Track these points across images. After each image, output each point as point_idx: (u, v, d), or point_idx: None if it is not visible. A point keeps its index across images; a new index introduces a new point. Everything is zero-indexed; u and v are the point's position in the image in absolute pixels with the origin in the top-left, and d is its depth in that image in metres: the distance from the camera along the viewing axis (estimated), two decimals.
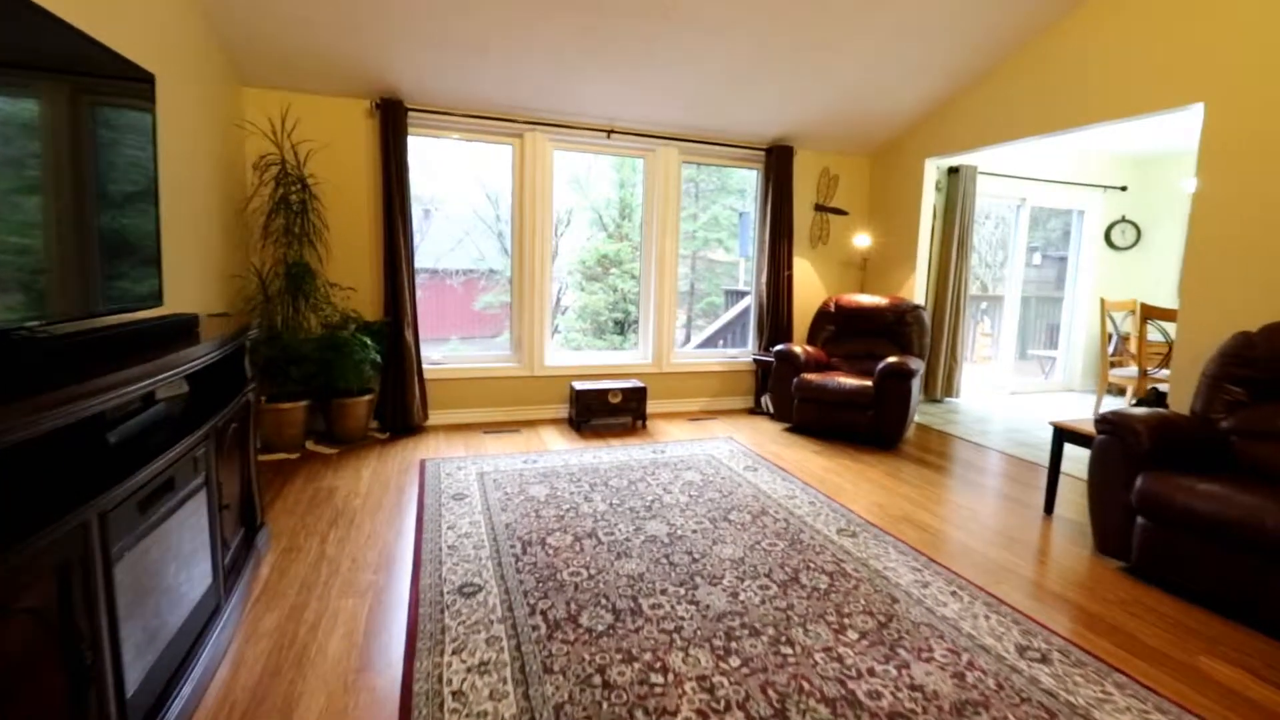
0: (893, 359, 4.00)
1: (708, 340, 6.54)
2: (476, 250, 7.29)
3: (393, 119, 3.88)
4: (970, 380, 5.94)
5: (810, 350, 4.51)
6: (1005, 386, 6.14)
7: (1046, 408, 5.44)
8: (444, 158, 5.75)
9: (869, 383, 4.03)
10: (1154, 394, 2.88)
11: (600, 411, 4.31)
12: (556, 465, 3.48)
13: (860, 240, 5.21)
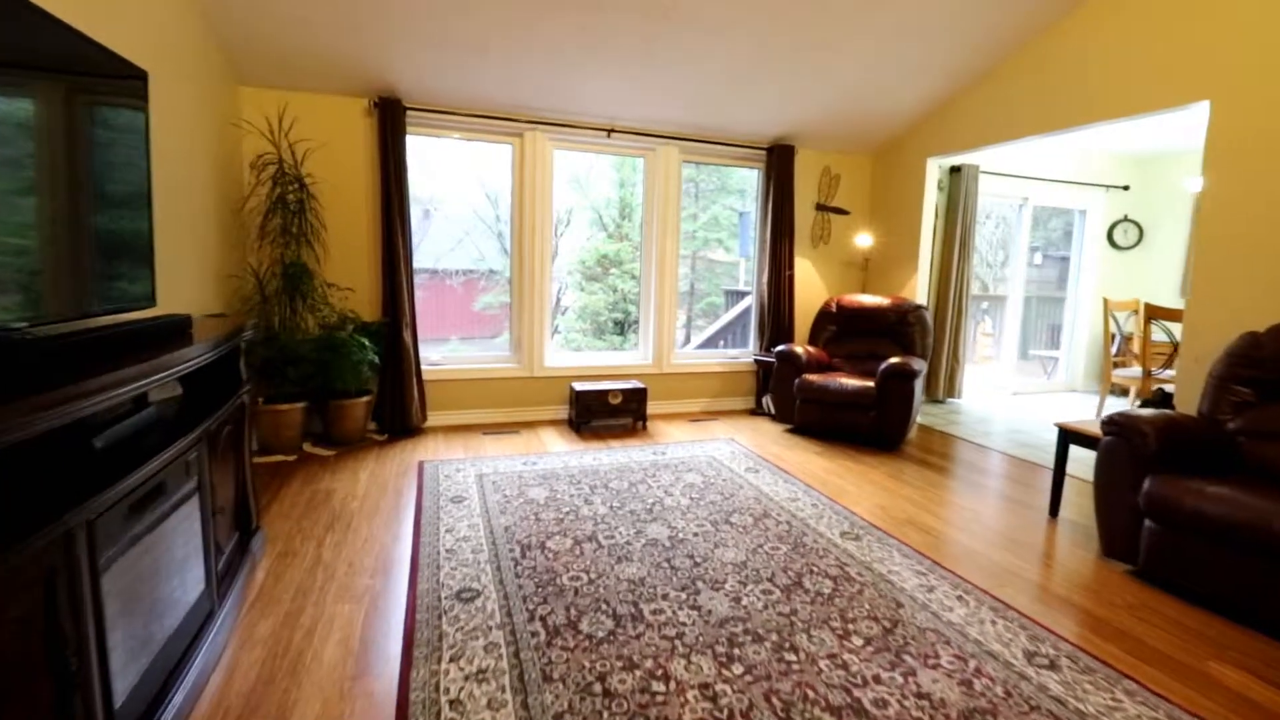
0: (895, 359, 3.96)
1: (708, 340, 6.50)
2: (476, 250, 7.26)
3: (391, 118, 3.84)
4: (972, 381, 5.90)
5: (812, 351, 4.48)
6: (1007, 387, 6.10)
7: (1049, 408, 5.40)
8: (443, 157, 5.72)
9: (871, 383, 4.00)
10: (1160, 395, 2.85)
11: (600, 413, 4.28)
12: (556, 467, 3.45)
13: (862, 240, 5.18)
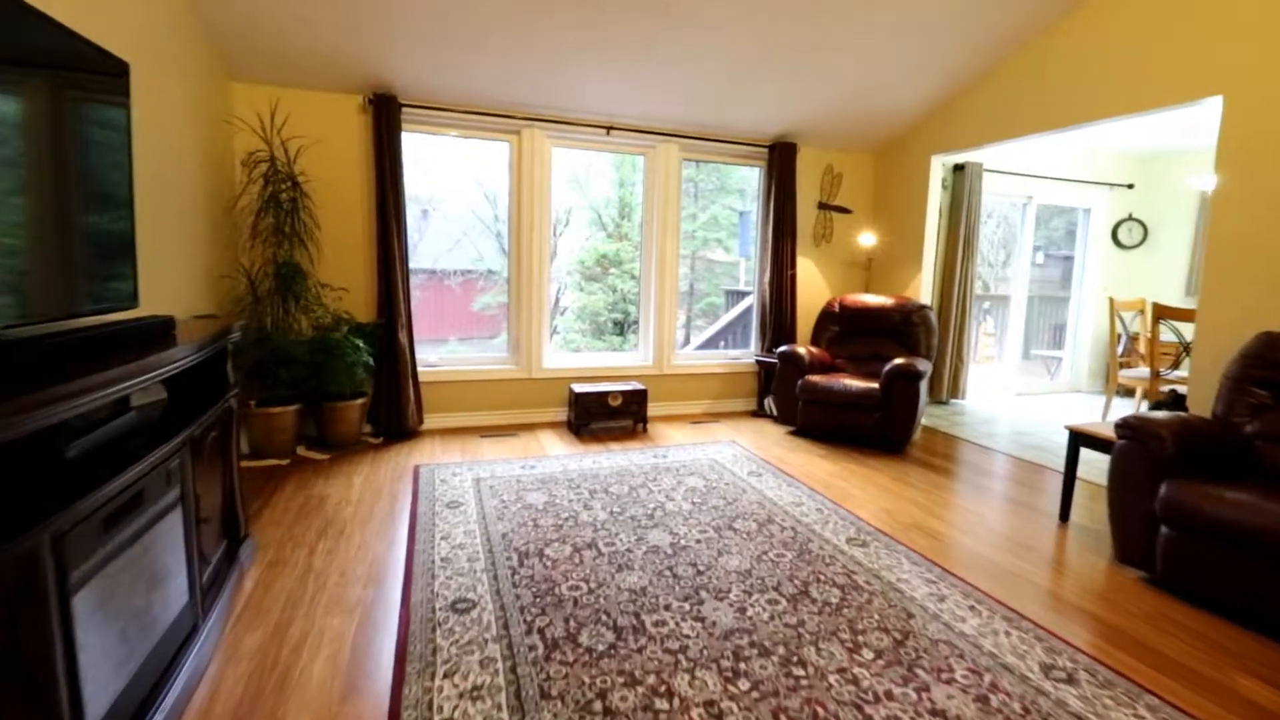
0: (900, 360, 3.90)
1: (709, 341, 6.44)
2: (475, 250, 7.20)
3: (386, 115, 3.77)
4: (975, 381, 5.83)
5: (814, 351, 4.41)
6: (1011, 387, 6.04)
7: (1054, 409, 5.34)
8: (441, 157, 5.65)
9: (875, 385, 3.93)
10: (1173, 396, 2.78)
11: (600, 415, 4.21)
12: (555, 471, 3.38)
13: (865, 239, 5.11)
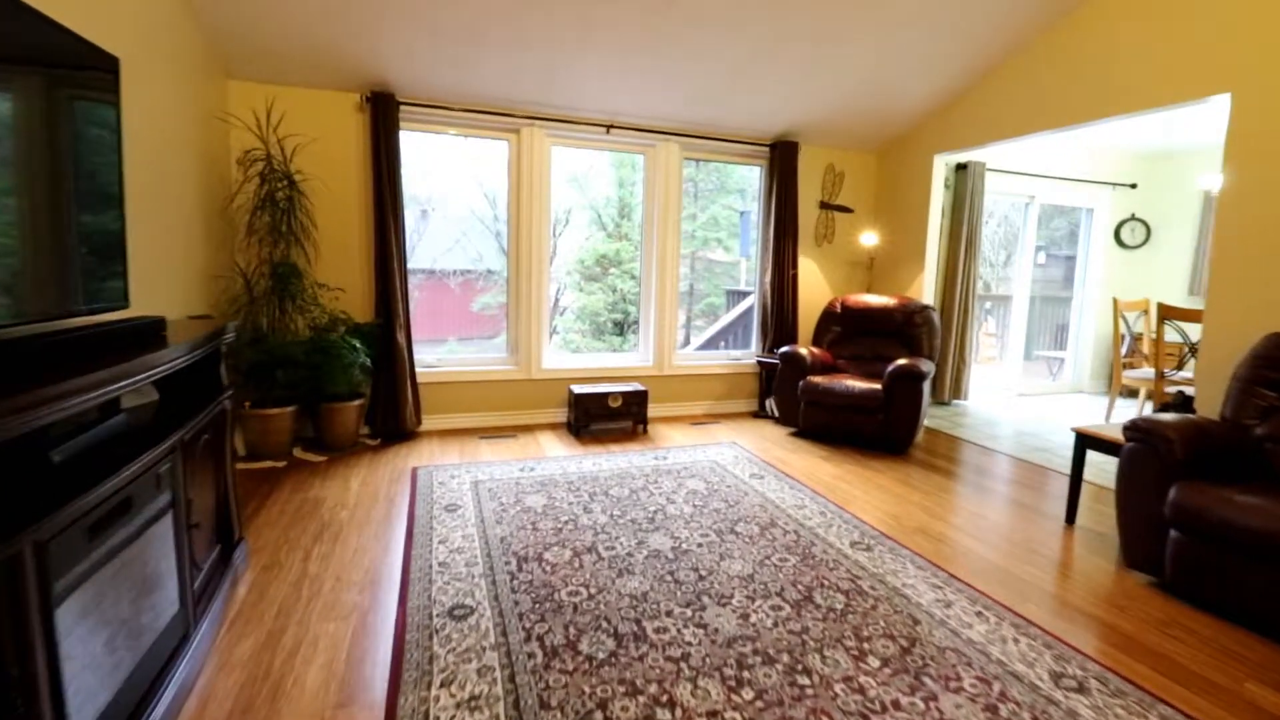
0: (903, 361, 3.86)
1: (709, 341, 6.39)
2: (474, 250, 7.15)
3: (384, 113, 3.73)
4: (976, 382, 5.79)
5: (816, 352, 4.37)
6: (1014, 388, 6.00)
7: (1057, 410, 5.30)
8: (441, 156, 5.61)
9: (878, 386, 3.89)
10: (1181, 397, 2.74)
11: (600, 416, 4.17)
12: (554, 473, 3.34)
13: (867, 239, 5.07)
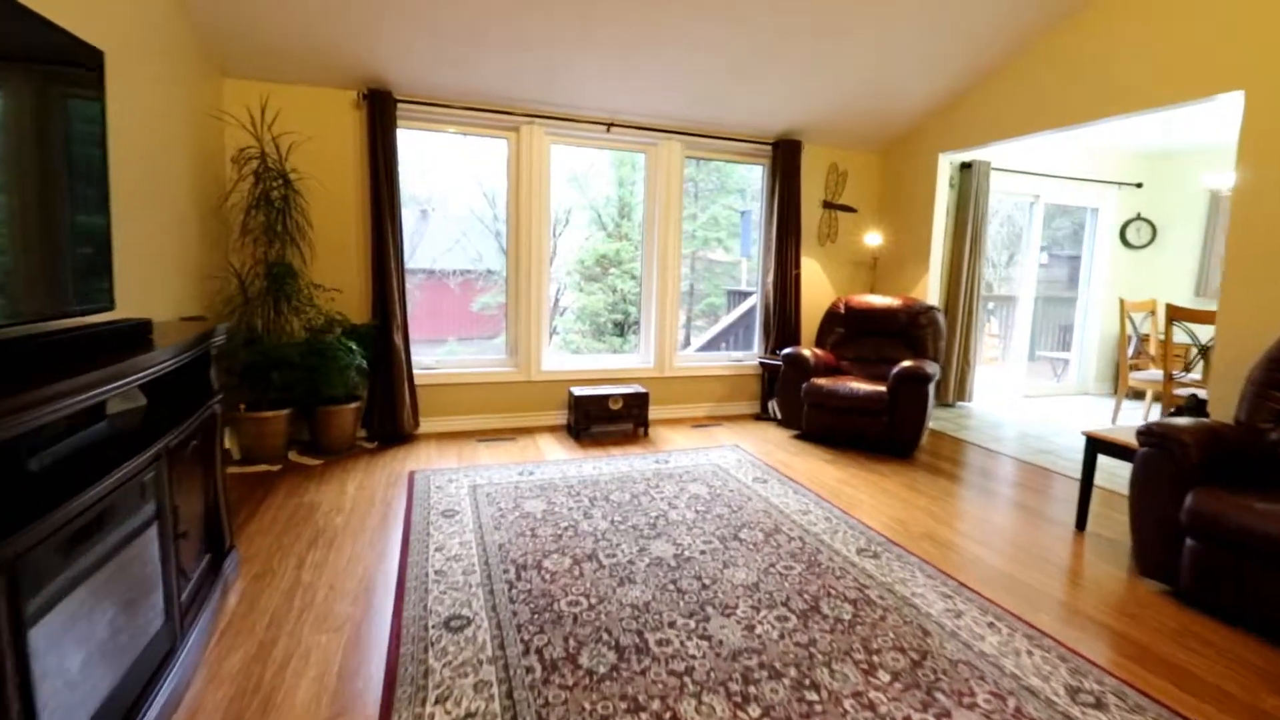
0: (908, 363, 3.80)
1: (710, 342, 6.33)
2: (474, 250, 7.09)
3: (381, 110, 3.67)
4: (980, 383, 5.73)
5: (819, 353, 4.31)
6: (1018, 390, 5.94)
7: (1062, 412, 5.24)
8: (440, 155, 5.55)
9: (883, 388, 3.83)
10: (1194, 401, 2.69)
11: (600, 418, 4.11)
12: (554, 477, 3.28)
13: (871, 238, 5.01)
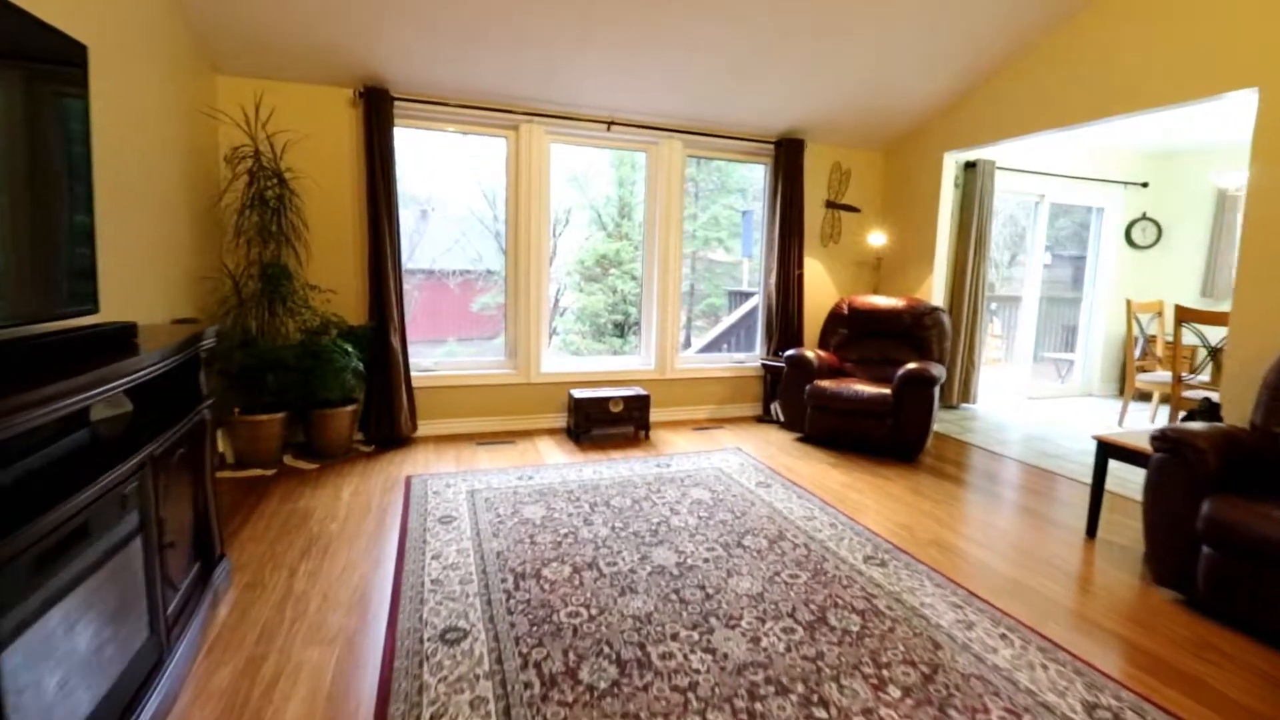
0: (913, 365, 3.74)
1: (711, 343, 6.27)
2: (474, 250, 7.03)
3: (378, 109, 3.61)
4: (983, 384, 5.67)
5: (823, 355, 4.26)
6: (1022, 391, 5.88)
7: (1067, 414, 5.18)
8: (439, 155, 5.49)
9: (888, 390, 3.78)
10: (1207, 404, 2.63)
11: (601, 421, 4.05)
12: (554, 481, 3.22)
13: (874, 238, 4.95)
